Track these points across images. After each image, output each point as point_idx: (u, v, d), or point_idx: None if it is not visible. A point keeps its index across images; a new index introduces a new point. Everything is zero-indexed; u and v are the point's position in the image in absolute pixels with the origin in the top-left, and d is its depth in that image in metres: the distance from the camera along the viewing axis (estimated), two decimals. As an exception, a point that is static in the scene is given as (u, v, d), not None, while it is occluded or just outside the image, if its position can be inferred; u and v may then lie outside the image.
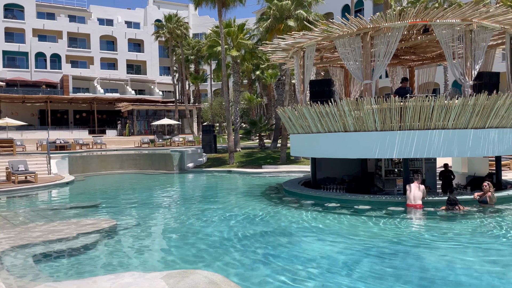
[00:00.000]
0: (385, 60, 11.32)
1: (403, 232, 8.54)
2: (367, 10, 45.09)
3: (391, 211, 10.12)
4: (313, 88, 13.60)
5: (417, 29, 12.65)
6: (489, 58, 14.03)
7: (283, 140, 23.53)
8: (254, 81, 47.34)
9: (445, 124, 10.68)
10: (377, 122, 10.92)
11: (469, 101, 10.49)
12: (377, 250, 7.23)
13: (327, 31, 12.00)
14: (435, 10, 10.78)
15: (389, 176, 12.85)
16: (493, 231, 8.30)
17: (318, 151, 12.67)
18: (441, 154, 10.79)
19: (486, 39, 11.33)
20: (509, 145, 11.57)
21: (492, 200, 10.26)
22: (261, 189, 15.18)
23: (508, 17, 11.04)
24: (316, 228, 8.96)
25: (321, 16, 23.61)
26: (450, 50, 11.16)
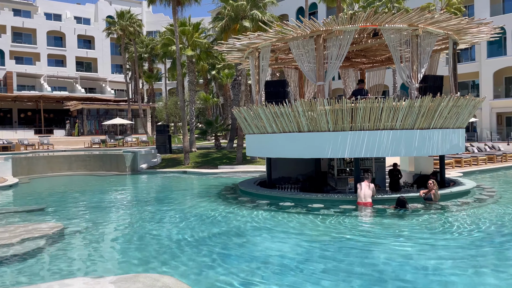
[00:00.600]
0: (337, 62, 11.62)
1: (353, 229, 8.80)
2: (321, 13, 46.15)
3: (342, 209, 10.41)
4: (269, 89, 13.72)
5: (367, 33, 13.11)
6: (434, 62, 14.79)
7: (239, 140, 23.55)
8: (210, 81, 47.01)
9: (393, 125, 11.13)
10: (330, 123, 11.19)
11: (415, 103, 10.99)
12: (328, 247, 7.40)
13: (282, 33, 12.14)
14: (384, 15, 11.20)
15: (341, 175, 13.21)
16: (438, 227, 8.74)
17: (273, 151, 12.79)
18: (390, 153, 11.24)
19: (431, 44, 11.92)
20: (452, 145, 12.25)
21: (436, 197, 10.81)
22: (217, 189, 15.10)
23: (451, 23, 11.69)
24: (270, 227, 9.03)
25: (276, 18, 23.87)
26: (398, 54, 11.64)
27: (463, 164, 19.30)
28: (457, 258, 6.66)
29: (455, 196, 11.64)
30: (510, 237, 7.76)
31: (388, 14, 11.18)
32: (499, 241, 7.51)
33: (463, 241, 7.65)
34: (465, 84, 38.41)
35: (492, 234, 7.99)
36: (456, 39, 12.96)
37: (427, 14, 11.05)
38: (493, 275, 5.80)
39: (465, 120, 12.71)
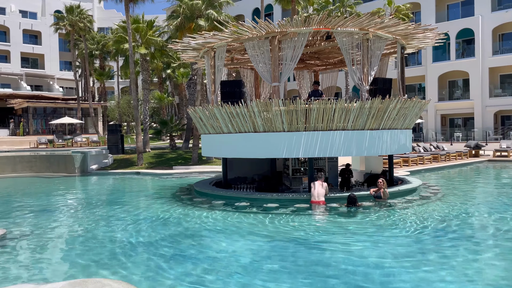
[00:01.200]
0: (292, 63, 11.81)
1: (307, 227, 8.98)
2: (276, 15, 46.66)
3: (297, 208, 10.59)
4: (224, 89, 13.68)
5: (320, 36, 13.41)
6: (384, 66, 15.39)
7: (195, 140, 23.31)
8: (165, 79, 46.20)
9: (345, 126, 11.47)
10: (285, 123, 11.34)
11: (365, 104, 11.39)
12: (283, 246, 7.51)
13: (237, 33, 12.16)
14: (336, 19, 11.51)
15: (296, 174, 13.43)
16: (386, 223, 9.11)
17: (229, 151, 12.78)
18: (342, 153, 11.58)
19: (380, 48, 12.40)
20: (400, 145, 12.80)
21: (385, 195, 11.26)
22: (171, 190, 14.86)
23: (399, 29, 12.22)
24: (226, 228, 9.02)
25: (232, 18, 23.87)
26: (350, 57, 12.00)
27: (410, 163, 20.24)
28: (405, 253, 6.97)
29: (402, 193, 12.17)
30: (453, 232, 8.22)
31: (340, 18, 11.50)
32: (442, 237, 7.94)
33: (410, 237, 8.02)
34: (413, 87, 40.30)
35: (436, 230, 8.43)
36: (404, 44, 13.57)
37: (377, 19, 11.47)
38: (437, 270, 6.11)
39: (412, 121, 13.33)
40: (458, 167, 21.34)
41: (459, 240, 7.66)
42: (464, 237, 7.92)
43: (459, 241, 7.60)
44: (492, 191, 14.56)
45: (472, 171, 20.31)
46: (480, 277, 5.79)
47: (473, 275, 5.82)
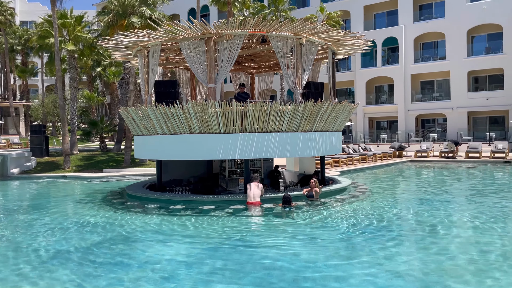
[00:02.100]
0: (228, 65, 11.83)
1: (243, 228, 9.04)
2: (213, 16, 46.52)
3: (233, 209, 10.61)
4: (159, 89, 13.36)
5: (256, 39, 13.58)
6: (316, 70, 15.95)
7: (127, 142, 22.48)
8: (95, 78, 44.09)
9: (280, 128, 11.72)
10: (221, 125, 11.33)
11: (299, 107, 11.73)
12: (218, 248, 7.48)
13: (172, 32, 11.93)
14: (271, 23, 11.73)
15: (232, 176, 13.46)
16: (318, 222, 9.43)
17: (163, 153, 12.49)
18: (277, 154, 11.81)
19: (313, 53, 12.84)
20: (331, 146, 13.34)
21: (317, 195, 11.67)
22: (101, 194, 14.18)
23: (330, 35, 12.74)
24: (160, 231, 8.80)
25: (166, 17, 23.38)
26: (284, 61, 12.29)
27: (341, 163, 21.18)
28: (336, 250, 7.27)
29: (333, 193, 12.69)
30: (379, 228, 8.70)
31: (275, 22, 11.74)
32: (371, 233, 8.38)
33: (340, 234, 8.38)
34: (343, 91, 42.25)
35: (364, 226, 8.88)
36: (335, 50, 14.17)
37: (309, 24, 11.86)
38: (366, 266, 6.44)
39: (342, 124, 13.95)
40: (384, 167, 22.71)
41: (385, 236, 8.14)
42: (389, 232, 8.42)
43: (385, 236, 8.07)
44: (414, 188, 15.66)
45: (396, 171, 21.71)
46: (407, 271, 6.18)
47: (400, 270, 6.20)
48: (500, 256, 6.63)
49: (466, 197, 13.34)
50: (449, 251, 7.04)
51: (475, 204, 11.67)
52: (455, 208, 11.12)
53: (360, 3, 39.63)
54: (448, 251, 7.03)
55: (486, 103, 33.74)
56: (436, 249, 7.14)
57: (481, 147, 25.47)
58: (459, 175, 19.34)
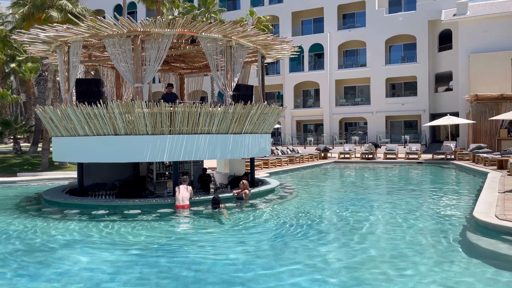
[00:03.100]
0: (155, 65, 11.50)
1: (170, 232, 8.83)
2: (140, 14, 45.07)
3: (160, 213, 10.32)
4: (80, 88, 12.64)
5: (185, 39, 13.37)
6: (246, 73, 16.12)
7: (45, 143, 20.93)
8: (9, 74, 40.47)
9: (210, 130, 11.64)
10: (148, 126, 10.97)
11: (229, 109, 11.74)
12: (144, 253, 7.22)
13: (95, 29, 11.33)
14: (201, 24, 11.63)
15: (160, 179, 13.10)
16: (248, 223, 9.50)
17: (85, 155, 11.79)
18: (207, 156, 11.71)
19: (243, 56, 12.94)
20: (260, 148, 13.53)
21: (247, 196, 11.76)
22: (14, 200, 13.02)
23: (259, 39, 12.93)
24: (80, 239, 8.28)
25: (90, 12, 22.18)
26: (214, 62, 12.24)
27: (270, 165, 21.59)
28: (265, 250, 7.36)
29: (262, 194, 12.88)
30: (306, 227, 8.98)
31: (205, 23, 11.65)
32: (298, 232, 8.62)
33: (269, 234, 8.51)
34: (273, 95, 43.17)
35: (292, 226, 9.12)
36: (264, 53, 14.42)
37: (239, 27, 11.95)
38: (293, 264, 6.60)
39: (271, 126, 14.23)
40: (310, 168, 23.55)
41: (312, 234, 8.41)
42: (316, 231, 8.72)
43: (312, 235, 8.34)
44: (338, 188, 16.42)
45: (321, 171, 22.63)
46: (334, 268, 6.42)
47: (329, 267, 6.43)
48: (416, 251, 7.16)
49: (384, 195, 14.26)
50: (372, 246, 7.45)
51: (392, 201, 12.52)
52: (375, 205, 11.82)
53: (288, 9, 40.80)
54: (371, 246, 7.44)
55: (402, 108, 36.46)
56: (360, 245, 7.51)
57: (397, 149, 27.47)
58: (378, 175, 20.65)
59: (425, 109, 35.38)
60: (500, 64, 29.16)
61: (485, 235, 7.64)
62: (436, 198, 13.06)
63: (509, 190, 11.55)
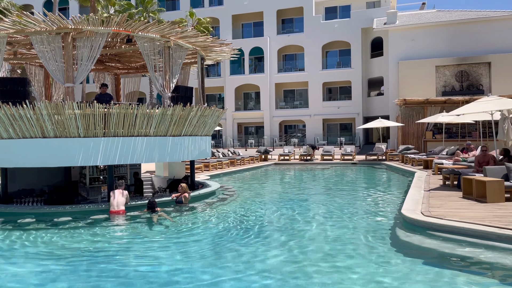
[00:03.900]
0: (88, 64, 10.98)
1: (104, 239, 8.44)
2: (73, 11, 42.91)
3: (93, 219, 9.84)
4: (4, 87, 11.72)
5: (121, 38, 12.92)
6: (186, 74, 15.90)
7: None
8: None
9: (148, 132, 11.32)
10: (80, 128, 10.44)
11: (168, 111, 11.50)
12: (76, 262, 6.84)
13: (22, 24, 10.59)
14: (137, 23, 11.29)
15: (94, 183, 12.51)
16: (187, 227, 9.35)
17: (9, 160, 10.95)
18: (144, 159, 11.37)
19: (181, 57, 12.75)
20: (200, 150, 13.40)
21: (186, 200, 11.58)
22: None
23: (198, 40, 12.82)
24: (4, 250, 7.66)
25: (17, 7, 20.73)
26: (152, 63, 11.94)
27: (211, 167, 21.45)
28: (204, 254, 7.27)
29: (203, 197, 12.76)
30: (247, 230, 9.02)
31: (141, 22, 11.33)
32: (238, 235, 8.63)
33: (209, 238, 8.43)
34: (214, 97, 43.01)
35: (232, 228, 9.11)
36: (204, 55, 14.32)
37: (177, 28, 11.76)
38: (233, 266, 6.59)
39: (211, 128, 14.14)
40: (251, 170, 23.75)
41: (252, 236, 8.45)
42: (257, 233, 8.77)
43: (253, 237, 8.38)
44: (278, 189, 16.70)
45: (262, 173, 22.90)
46: (276, 269, 6.49)
47: (270, 269, 6.48)
48: (350, 249, 7.45)
49: (321, 195, 14.72)
50: (309, 246, 7.64)
51: (328, 201, 12.95)
52: (312, 205, 12.17)
53: (228, 12, 40.91)
54: (308, 246, 7.62)
55: (338, 111, 37.96)
56: (298, 245, 7.67)
57: (333, 150, 28.54)
58: (316, 176, 21.30)
59: (359, 112, 37.12)
60: (425, 71, 31.37)
61: (412, 231, 8.13)
62: (368, 197, 13.72)
63: (434, 188, 12.43)
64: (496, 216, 8.07)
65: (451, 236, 7.39)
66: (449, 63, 31.18)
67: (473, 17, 31.21)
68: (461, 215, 8.28)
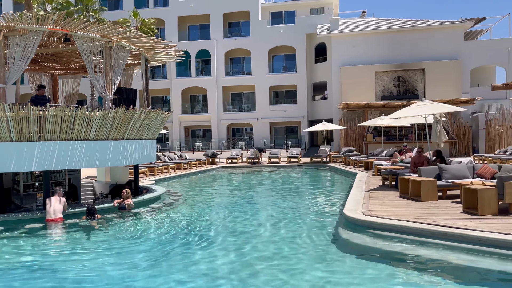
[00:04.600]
0: (22, 64, 10.33)
1: (39, 250, 7.95)
2: (7, 7, 40.25)
3: (27, 229, 9.24)
4: None
5: (58, 37, 12.28)
6: (129, 76, 15.44)
7: None
8: None
9: (87, 136, 10.83)
10: (13, 132, 9.77)
11: (109, 114, 11.08)
12: (7, 276, 6.37)
13: None
14: (76, 22, 10.80)
15: (29, 190, 11.77)
16: (129, 233, 9.04)
17: None
18: (84, 164, 10.86)
19: (124, 58, 12.35)
20: (145, 154, 13.04)
21: (130, 206, 11.21)
22: None
23: (142, 41, 12.49)
24: None
25: None
26: (92, 63, 11.46)
27: (156, 172, 20.95)
28: (147, 261, 7.06)
29: (147, 202, 12.42)
30: (193, 234, 8.88)
31: (80, 21, 10.85)
32: (184, 240, 8.48)
33: (153, 244, 8.21)
34: (160, 99, 42.11)
35: (178, 234, 8.94)
36: (148, 57, 13.97)
37: (119, 28, 11.39)
38: (182, 273, 6.45)
39: (156, 131, 13.82)
40: (198, 174, 23.49)
41: (199, 241, 8.34)
42: (204, 237, 8.67)
43: (199, 242, 8.27)
44: (225, 193, 16.64)
45: (209, 177, 22.73)
46: (223, 273, 6.43)
47: (218, 274, 6.41)
48: (296, 250, 7.58)
49: (267, 197, 14.88)
50: (256, 247, 7.66)
51: (274, 202, 13.12)
52: (259, 208, 12.25)
53: (174, 14, 40.31)
54: (255, 248, 7.65)
55: (284, 115, 38.64)
56: (245, 247, 7.67)
57: (280, 153, 28.99)
58: (263, 178, 21.51)
59: (304, 116, 38.01)
60: (366, 76, 32.80)
61: (354, 230, 8.43)
62: (313, 198, 14.07)
63: (374, 188, 13.00)
64: (430, 213, 8.58)
65: (390, 234, 7.74)
66: (387, 69, 32.83)
67: (409, 26, 33.12)
68: (398, 213, 8.72)
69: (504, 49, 31.54)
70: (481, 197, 8.17)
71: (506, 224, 7.35)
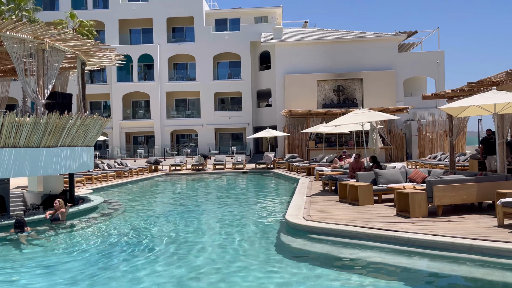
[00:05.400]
0: None
1: (-39, 268, 7.28)
2: None
3: None
4: None
5: (-16, 37, 11.41)
6: (65, 80, 14.68)
7: None
8: None
9: (16, 143, 10.12)
10: None
11: (41, 119, 10.45)
12: None
13: None
14: (5, 22, 10.10)
15: None
16: (62, 246, 8.53)
17: None
18: (12, 173, 10.12)
19: (58, 61, 11.73)
20: (81, 162, 12.41)
21: (64, 216, 10.59)
22: None
23: (78, 44, 11.96)
24: None
25: None
26: (22, 66, 10.77)
27: (94, 180, 20.02)
28: (82, 274, 6.70)
29: (83, 213, 11.83)
30: (133, 246, 8.56)
31: (9, 21, 10.16)
32: (123, 252, 8.14)
33: (89, 258, 7.80)
34: (99, 104, 40.46)
35: (116, 245, 8.57)
36: (85, 60, 13.39)
37: (53, 29, 10.83)
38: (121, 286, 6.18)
39: (94, 138, 13.22)
40: (140, 182, 22.78)
41: (139, 253, 8.05)
42: (144, 248, 8.37)
43: (139, 253, 7.98)
44: (168, 201, 16.27)
45: (151, 185, 22.12)
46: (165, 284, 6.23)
47: (160, 283, 6.20)
48: (240, 256, 7.56)
49: (212, 205, 14.75)
50: (199, 256, 7.53)
51: (218, 210, 13.02)
52: (203, 216, 12.10)
53: (115, 16, 39.06)
54: (198, 256, 7.51)
55: (229, 121, 38.66)
56: (188, 256, 7.51)
57: (225, 160, 28.91)
58: (208, 185, 21.32)
59: (249, 122, 38.28)
60: (308, 85, 33.73)
61: (296, 235, 8.57)
62: (257, 204, 14.16)
63: (315, 194, 13.34)
64: (366, 217, 8.94)
65: (329, 237, 7.96)
66: (328, 78, 34.01)
67: (348, 37, 34.60)
68: (337, 217, 9.00)
69: (434, 61, 33.91)
70: (412, 200, 8.66)
71: (434, 226, 7.84)
